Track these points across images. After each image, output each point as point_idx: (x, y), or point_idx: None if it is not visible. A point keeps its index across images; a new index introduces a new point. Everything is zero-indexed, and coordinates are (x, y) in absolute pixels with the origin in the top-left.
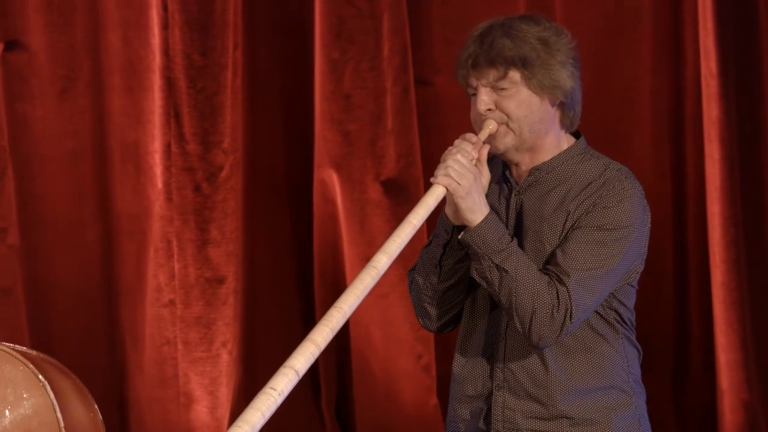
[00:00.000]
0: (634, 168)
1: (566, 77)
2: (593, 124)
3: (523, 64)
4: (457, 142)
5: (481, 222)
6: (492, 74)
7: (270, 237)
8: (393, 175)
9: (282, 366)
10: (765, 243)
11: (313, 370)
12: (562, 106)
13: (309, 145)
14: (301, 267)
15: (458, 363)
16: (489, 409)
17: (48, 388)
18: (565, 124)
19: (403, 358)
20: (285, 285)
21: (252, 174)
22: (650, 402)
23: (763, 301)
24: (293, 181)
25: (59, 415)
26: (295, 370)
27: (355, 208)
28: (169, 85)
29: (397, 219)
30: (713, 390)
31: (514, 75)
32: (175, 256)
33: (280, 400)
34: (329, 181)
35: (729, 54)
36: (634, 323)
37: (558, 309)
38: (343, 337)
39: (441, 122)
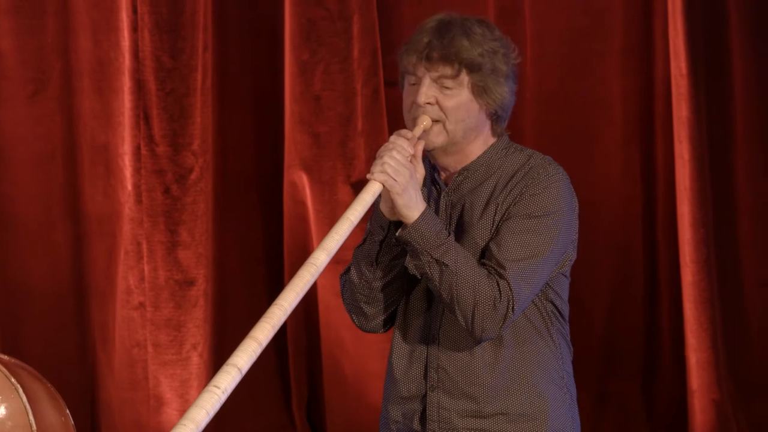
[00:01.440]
0: (604, 168)
1: (507, 92)
2: (563, 124)
3: (475, 69)
4: (392, 138)
5: (419, 218)
6: (445, 70)
7: (240, 239)
8: (363, 176)
9: (225, 364)
10: (735, 243)
11: (285, 373)
12: (495, 117)
13: (279, 146)
14: (271, 269)
15: (392, 363)
16: (424, 410)
17: (21, 391)
18: (495, 133)
19: (373, 361)
20: (255, 287)
21: (222, 176)
22: (621, 401)
23: (733, 301)
24: (263, 183)
25: (32, 418)
26: (238, 368)
27: (325, 209)
28: (139, 87)
29: (366, 220)
30: (683, 390)
31: (464, 77)
32: (145, 259)
33: (224, 397)
34: (299, 182)
35: (699, 54)
36: (568, 318)
37: (500, 300)
38: (313, 339)
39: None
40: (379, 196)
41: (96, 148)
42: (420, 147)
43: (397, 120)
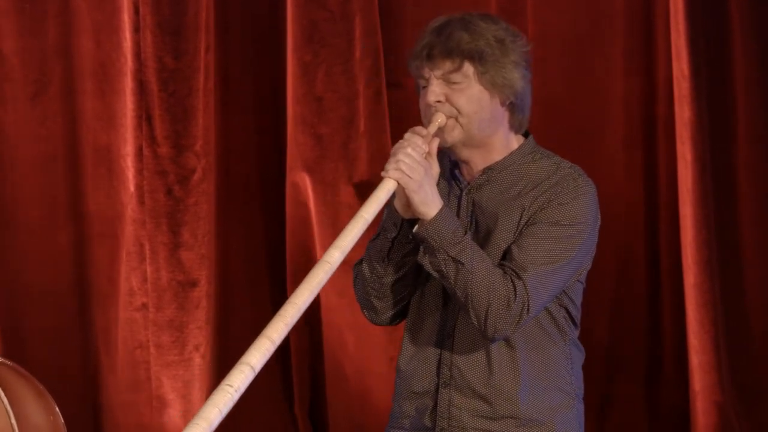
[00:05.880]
0: (606, 170)
1: (518, 78)
2: (565, 125)
3: (478, 58)
4: (407, 135)
5: (436, 215)
6: (447, 65)
7: (242, 240)
8: (365, 177)
9: (238, 362)
10: (737, 244)
11: (286, 374)
12: (512, 107)
13: (281, 148)
14: (273, 270)
15: (404, 358)
16: (435, 406)
17: (1, 393)
18: (513, 126)
19: (375, 361)
20: (257, 288)
21: (224, 177)
22: (623, 403)
23: (735, 303)
24: (266, 185)
25: (14, 421)
26: (251, 366)
27: (327, 211)
28: (141, 88)
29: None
30: (686, 392)
31: (468, 69)
32: (148, 260)
33: (236, 396)
34: (302, 184)
35: (700, 55)
36: (579, 323)
37: (515, 301)
38: (316, 340)
39: (413, 125)
40: (394, 193)
41: (98, 149)
42: (435, 144)
43: (399, 121)
